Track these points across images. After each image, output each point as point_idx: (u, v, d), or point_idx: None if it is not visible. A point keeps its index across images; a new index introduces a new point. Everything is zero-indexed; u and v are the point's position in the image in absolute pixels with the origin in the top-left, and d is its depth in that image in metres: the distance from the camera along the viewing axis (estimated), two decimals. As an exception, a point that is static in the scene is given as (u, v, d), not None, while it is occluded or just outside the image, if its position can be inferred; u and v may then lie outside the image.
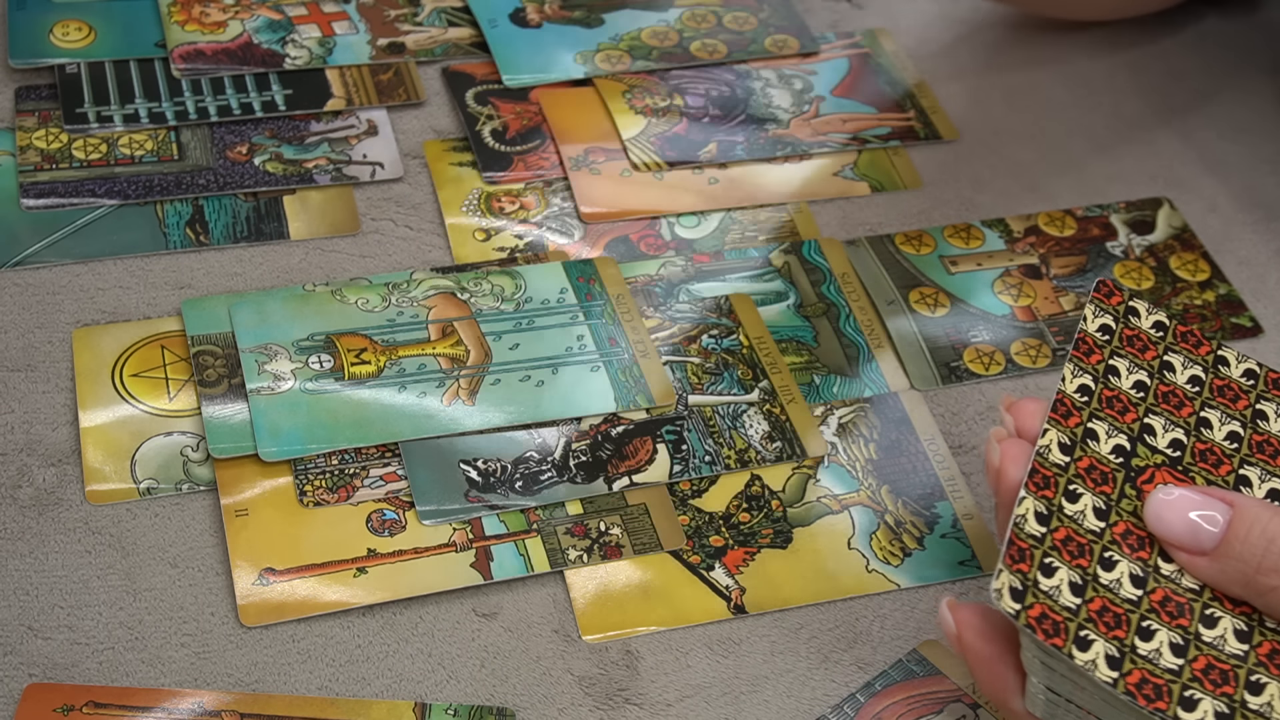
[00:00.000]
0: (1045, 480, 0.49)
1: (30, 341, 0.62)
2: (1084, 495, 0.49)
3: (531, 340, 0.63)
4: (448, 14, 0.77)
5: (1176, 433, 0.51)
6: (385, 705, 0.52)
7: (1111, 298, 0.54)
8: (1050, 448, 0.49)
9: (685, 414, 0.61)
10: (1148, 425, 0.51)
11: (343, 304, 0.63)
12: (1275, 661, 0.46)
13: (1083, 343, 0.53)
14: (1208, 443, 0.52)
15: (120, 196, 0.67)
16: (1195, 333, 0.54)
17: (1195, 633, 0.46)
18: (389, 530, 0.57)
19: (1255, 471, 0.51)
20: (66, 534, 0.56)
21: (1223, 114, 0.78)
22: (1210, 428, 0.52)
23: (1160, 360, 0.53)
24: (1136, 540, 0.48)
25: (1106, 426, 0.51)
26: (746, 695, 0.54)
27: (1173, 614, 0.47)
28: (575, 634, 0.55)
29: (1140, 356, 0.53)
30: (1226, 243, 0.71)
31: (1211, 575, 0.47)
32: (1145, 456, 0.50)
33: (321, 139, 0.71)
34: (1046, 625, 0.45)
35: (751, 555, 0.58)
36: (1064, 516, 0.48)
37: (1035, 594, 0.45)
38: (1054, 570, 0.46)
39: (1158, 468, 0.50)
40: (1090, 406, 0.51)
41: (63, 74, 0.72)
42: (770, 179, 0.72)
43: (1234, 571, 0.46)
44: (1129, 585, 0.47)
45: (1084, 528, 0.48)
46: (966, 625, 0.48)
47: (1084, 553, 0.47)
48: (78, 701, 0.51)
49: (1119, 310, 0.54)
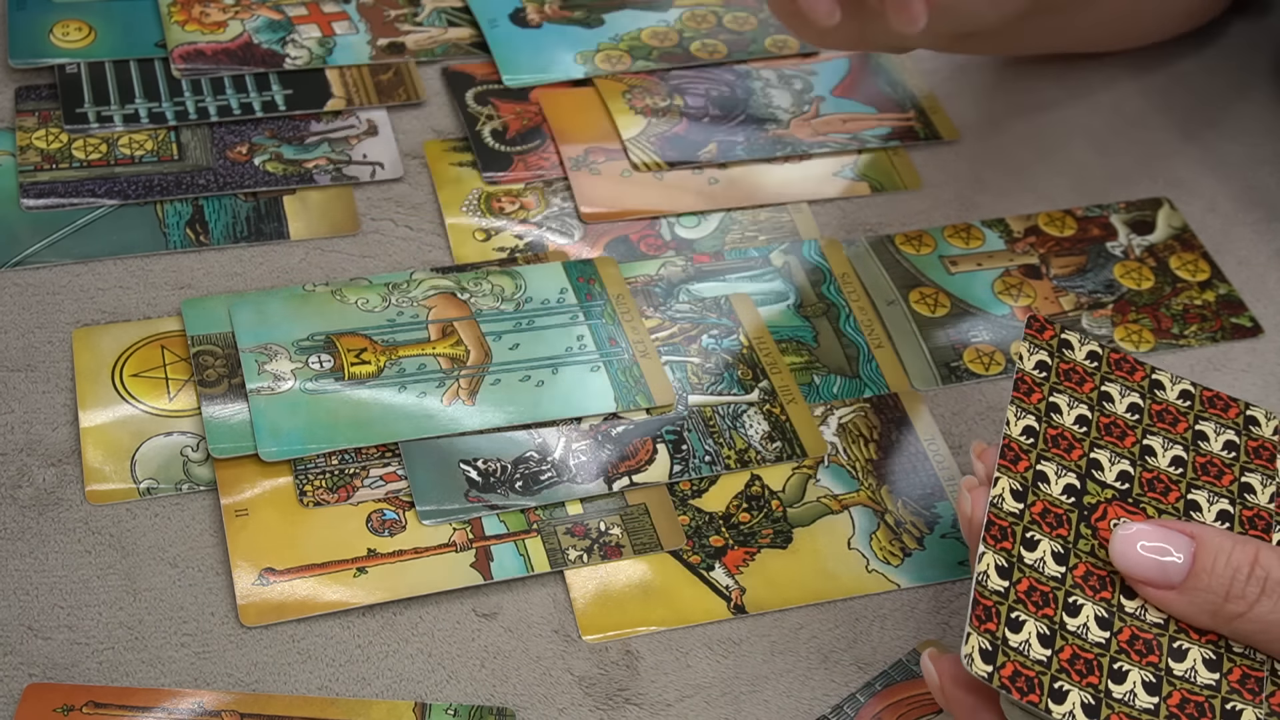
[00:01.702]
0: (1002, 531, 0.48)
1: (30, 341, 0.62)
2: (1041, 541, 0.48)
3: (531, 340, 0.63)
4: (448, 14, 0.77)
5: (1123, 464, 0.51)
6: (385, 705, 0.52)
7: (1044, 333, 0.54)
8: (1003, 496, 0.49)
9: (685, 415, 0.61)
10: (1094, 460, 0.51)
11: (343, 304, 0.63)
12: (1248, 686, 0.47)
13: (1022, 382, 0.52)
14: (1154, 470, 0.51)
15: (120, 196, 0.67)
16: (1129, 359, 0.54)
17: (1166, 668, 0.46)
18: (389, 530, 0.57)
19: (1203, 495, 0.51)
20: (66, 534, 0.56)
21: (1223, 114, 0.78)
22: (1154, 455, 0.52)
23: (1099, 391, 0.53)
24: (1098, 580, 0.48)
25: (1055, 466, 0.51)
26: (746, 695, 0.54)
27: (1141, 652, 0.47)
28: (575, 634, 0.55)
29: (1079, 390, 0.53)
30: (1226, 243, 0.71)
31: (1180, 608, 0.47)
32: (1095, 493, 0.50)
33: (321, 139, 0.71)
34: (1020, 683, 0.45)
35: (751, 555, 0.58)
36: (1024, 567, 0.48)
37: (1005, 652, 0.46)
38: (1021, 624, 0.46)
39: (1109, 503, 0.50)
40: (1037, 448, 0.51)
41: (63, 74, 0.72)
42: (770, 179, 0.72)
43: (1203, 603, 0.47)
44: (1096, 628, 0.47)
45: (1045, 575, 0.48)
46: (948, 675, 0.48)
47: (1048, 601, 0.47)
48: (78, 701, 0.51)
49: (1052, 345, 0.54)
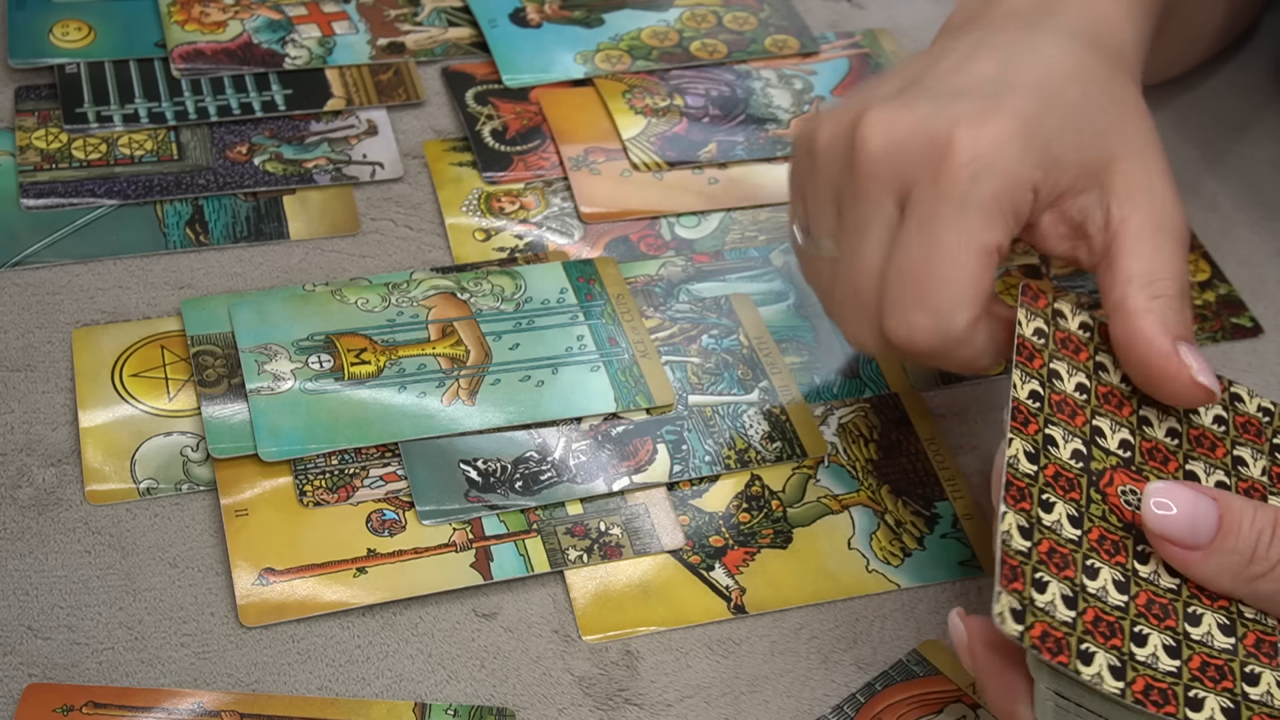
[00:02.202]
0: (1021, 492, 0.48)
1: (30, 341, 0.62)
2: (1057, 504, 0.49)
3: (531, 340, 0.63)
4: (448, 14, 0.77)
5: (1123, 433, 0.51)
6: (385, 705, 0.52)
7: (1038, 300, 0.54)
8: (1018, 457, 0.49)
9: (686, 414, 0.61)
10: (1097, 427, 0.51)
11: (343, 304, 0.63)
12: (1263, 650, 0.47)
13: (1023, 347, 0.52)
14: (1152, 441, 0.52)
15: (120, 196, 0.67)
16: None
17: (1184, 632, 0.47)
18: (389, 530, 0.57)
19: (1200, 466, 0.52)
20: (66, 534, 0.56)
21: (1223, 113, 0.78)
22: (1151, 425, 0.52)
23: (1094, 361, 0.53)
24: (1111, 545, 0.48)
25: (1062, 431, 0.51)
26: (746, 695, 0.54)
27: (1159, 616, 0.47)
28: (575, 634, 0.55)
29: (1075, 358, 0.53)
30: (1226, 243, 0.71)
31: (1203, 571, 0.47)
32: (1101, 459, 0.50)
33: (321, 139, 0.71)
34: (1050, 644, 0.45)
35: (751, 555, 0.58)
36: (1044, 528, 0.48)
37: (1034, 612, 0.45)
38: (1045, 585, 0.46)
39: (1114, 469, 0.50)
40: (1044, 412, 0.51)
41: (62, 74, 0.72)
42: (770, 179, 0.72)
43: (1227, 564, 0.47)
44: (1114, 592, 0.47)
45: (1063, 537, 0.48)
46: (977, 636, 0.48)
47: (1068, 563, 0.47)
48: (77, 702, 0.51)
49: (1047, 313, 0.54)
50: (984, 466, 0.61)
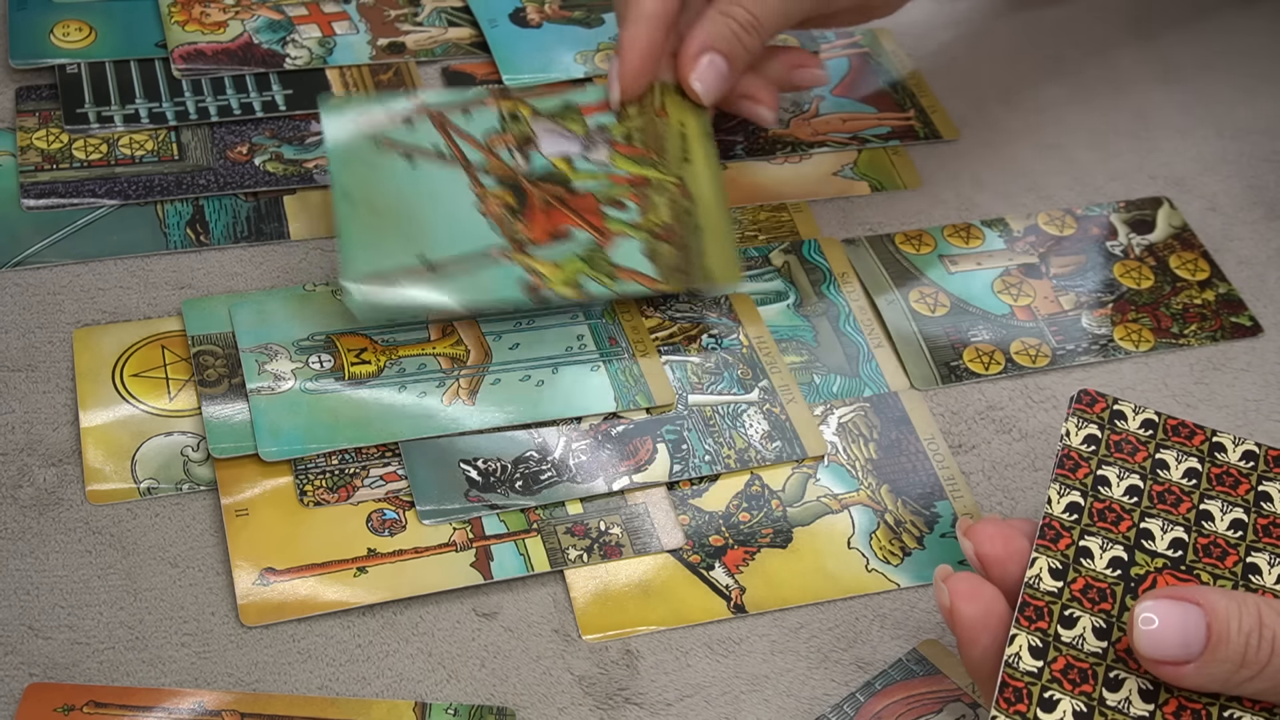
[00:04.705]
0: (1038, 612, 0.48)
1: (30, 341, 0.62)
2: (1082, 617, 0.48)
3: (531, 340, 0.63)
4: (448, 14, 0.77)
5: (1176, 531, 0.50)
6: (385, 705, 0.52)
7: (1095, 405, 0.53)
8: (1041, 576, 0.49)
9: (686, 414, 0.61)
10: (1144, 530, 0.50)
11: (343, 304, 0.63)
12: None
13: (1067, 459, 0.52)
14: (1210, 535, 0.50)
15: (120, 196, 0.67)
16: (1187, 424, 0.53)
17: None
18: (389, 530, 0.57)
19: (1264, 557, 0.50)
20: (67, 534, 0.56)
21: (1223, 113, 0.78)
22: (1212, 519, 0.51)
23: (1152, 460, 0.52)
24: None
25: (1100, 541, 0.50)
26: (746, 695, 0.54)
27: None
28: (575, 634, 0.55)
29: (1131, 460, 0.52)
30: (1226, 242, 0.71)
31: (1194, 681, 0.46)
32: (1145, 563, 0.50)
33: (322, 139, 0.71)
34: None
35: (751, 555, 0.58)
36: (1060, 644, 0.47)
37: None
38: (1055, 703, 0.46)
39: (1159, 572, 0.49)
40: (1081, 524, 0.50)
41: (63, 74, 0.72)
42: (770, 179, 0.72)
43: (1218, 673, 0.46)
44: (1139, 702, 0.47)
45: (1085, 651, 0.47)
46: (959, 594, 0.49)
47: (1087, 677, 0.47)
48: (78, 701, 0.51)
49: (1104, 417, 0.53)
50: (984, 466, 0.61)
